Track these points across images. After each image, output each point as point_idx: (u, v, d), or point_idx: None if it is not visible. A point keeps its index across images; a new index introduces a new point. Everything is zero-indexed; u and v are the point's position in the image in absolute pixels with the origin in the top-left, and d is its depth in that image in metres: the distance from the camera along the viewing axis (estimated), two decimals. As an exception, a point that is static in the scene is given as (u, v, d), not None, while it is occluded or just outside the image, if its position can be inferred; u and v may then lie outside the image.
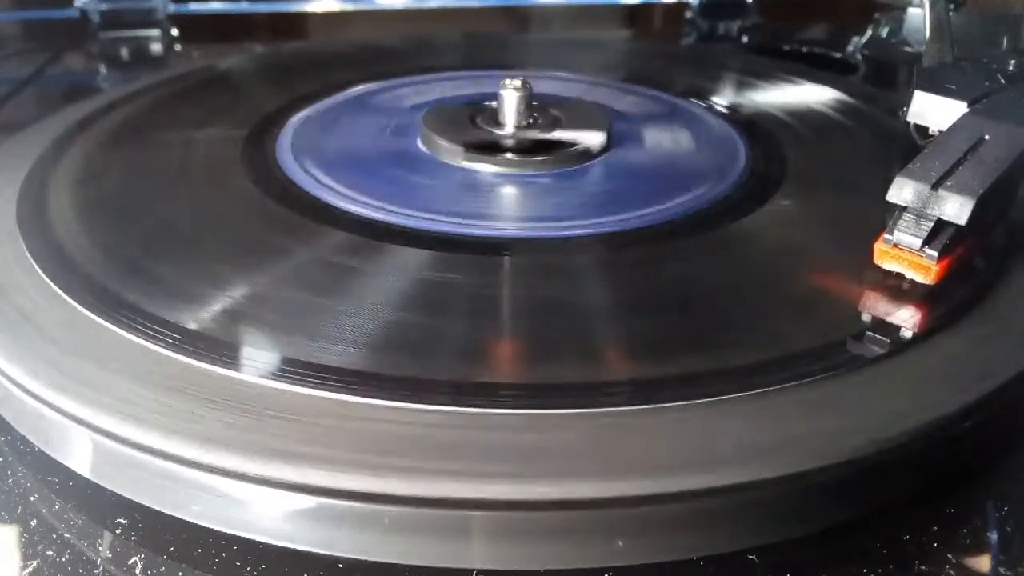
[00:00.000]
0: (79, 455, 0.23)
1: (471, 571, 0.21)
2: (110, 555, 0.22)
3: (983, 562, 0.22)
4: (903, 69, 0.55)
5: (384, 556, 0.21)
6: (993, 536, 0.23)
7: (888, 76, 0.56)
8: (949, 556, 0.22)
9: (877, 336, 0.25)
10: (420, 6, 0.74)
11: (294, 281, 0.28)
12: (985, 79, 0.34)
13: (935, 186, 0.27)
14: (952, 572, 0.21)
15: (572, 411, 0.22)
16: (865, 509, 0.22)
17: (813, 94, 0.46)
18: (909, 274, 0.27)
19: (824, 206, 0.34)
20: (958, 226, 0.27)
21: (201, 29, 0.68)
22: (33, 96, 0.56)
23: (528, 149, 0.37)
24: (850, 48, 0.63)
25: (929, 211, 0.27)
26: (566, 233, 0.31)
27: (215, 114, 0.42)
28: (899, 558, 0.22)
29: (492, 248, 0.30)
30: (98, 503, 0.23)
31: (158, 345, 0.24)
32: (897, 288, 0.27)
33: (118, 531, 0.22)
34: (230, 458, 0.21)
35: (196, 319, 0.25)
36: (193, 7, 0.69)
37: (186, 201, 0.33)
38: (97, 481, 0.23)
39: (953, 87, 0.33)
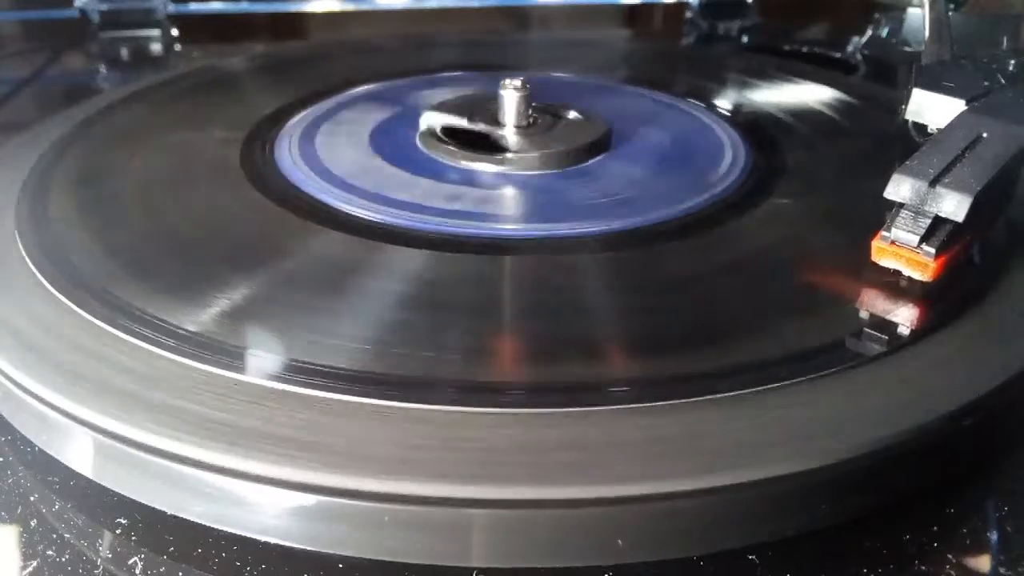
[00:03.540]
0: (80, 455, 0.23)
1: (471, 570, 0.21)
2: (110, 555, 0.22)
3: (983, 562, 0.22)
4: (903, 69, 0.55)
5: (384, 555, 0.21)
6: (993, 536, 0.23)
7: (888, 76, 0.56)
8: (949, 556, 0.22)
9: (876, 334, 0.25)
10: (420, 6, 0.74)
11: (294, 282, 0.28)
12: (984, 78, 0.34)
13: (933, 183, 0.27)
14: (952, 572, 0.21)
15: (571, 410, 0.22)
16: (865, 509, 0.22)
17: (813, 94, 0.46)
18: (907, 271, 0.27)
19: (823, 205, 0.34)
20: (956, 223, 0.27)
21: (201, 29, 0.68)
22: (33, 96, 0.56)
23: (527, 148, 0.37)
24: (850, 48, 0.63)
25: (927, 208, 0.27)
26: (565, 233, 0.31)
27: (215, 114, 0.42)
28: (899, 558, 0.22)
29: (491, 248, 0.30)
30: (98, 503, 0.23)
31: (158, 346, 0.24)
32: (895, 286, 0.27)
33: (118, 531, 0.22)
34: (231, 458, 0.21)
35: (195, 320, 0.25)
36: (193, 7, 0.69)
37: (186, 202, 0.34)
38: (98, 481, 0.23)
39: (952, 85, 0.33)
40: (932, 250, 0.27)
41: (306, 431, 0.21)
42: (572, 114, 0.41)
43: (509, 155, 0.37)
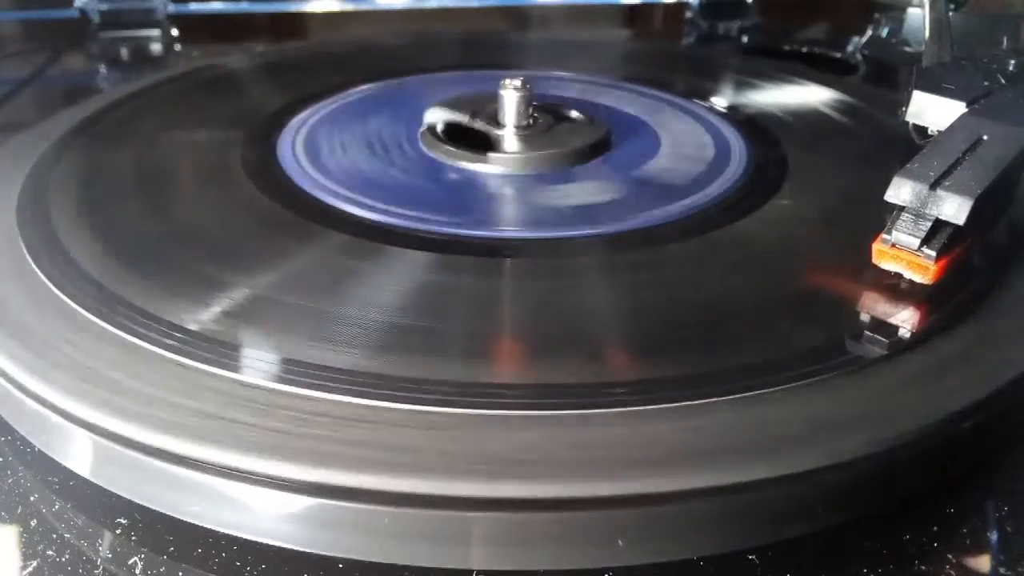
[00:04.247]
0: (79, 456, 0.23)
1: (471, 571, 0.21)
2: (110, 555, 0.22)
3: (983, 562, 0.22)
4: (903, 69, 0.55)
5: (384, 556, 0.21)
6: (993, 536, 0.23)
7: (888, 76, 0.56)
8: (949, 556, 0.22)
9: (877, 336, 0.25)
10: (420, 6, 0.75)
11: (294, 282, 0.28)
12: (984, 79, 0.34)
13: (933, 186, 0.27)
14: (952, 572, 0.21)
15: (572, 412, 0.22)
16: (865, 509, 0.22)
17: (813, 94, 0.46)
18: (907, 274, 0.27)
19: (823, 206, 0.34)
20: (956, 226, 0.27)
21: (201, 29, 0.69)
22: (33, 96, 0.56)
23: (527, 149, 0.37)
24: (850, 48, 0.63)
25: (927, 211, 0.27)
26: (566, 234, 0.31)
27: (215, 114, 0.42)
28: (899, 558, 0.22)
29: (492, 249, 0.30)
30: (98, 503, 0.23)
31: (158, 346, 0.24)
32: (896, 288, 0.27)
33: (118, 531, 0.22)
34: (230, 458, 0.21)
35: (196, 320, 0.25)
36: (193, 7, 0.69)
37: (186, 202, 0.34)
38: (97, 482, 0.23)
39: (952, 87, 0.33)
40: (933, 253, 0.27)
41: (305, 432, 0.21)
42: (572, 114, 0.41)
43: (509, 156, 0.37)
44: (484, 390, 0.23)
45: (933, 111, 0.33)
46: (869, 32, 0.63)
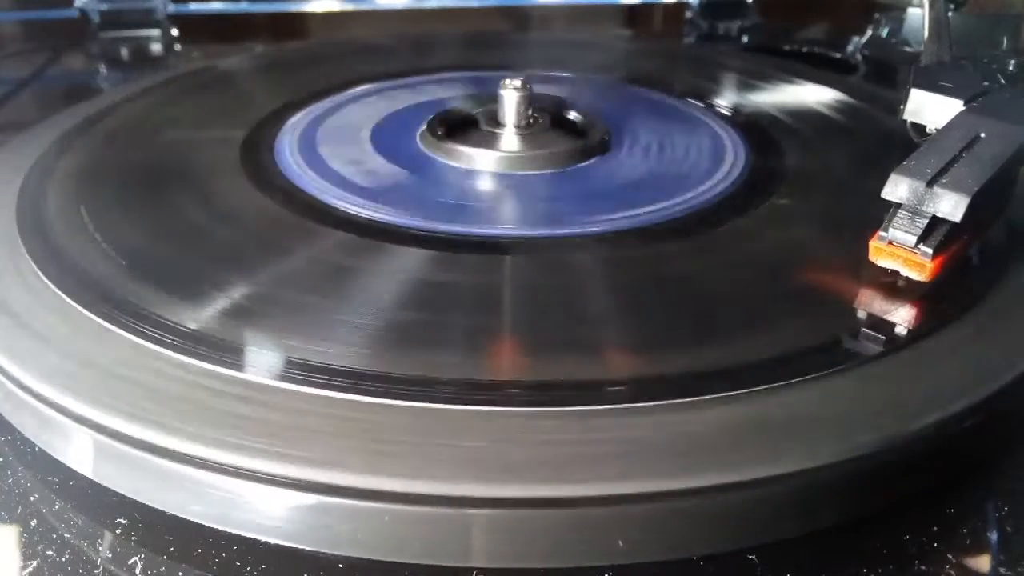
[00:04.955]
0: (79, 455, 0.23)
1: (471, 570, 0.21)
2: (110, 555, 0.22)
3: (983, 562, 0.22)
4: (903, 69, 0.55)
5: (384, 555, 0.21)
6: (993, 536, 0.23)
7: (888, 76, 0.56)
8: (949, 556, 0.22)
9: (874, 334, 0.25)
10: (420, 6, 0.74)
11: (294, 281, 0.28)
12: (982, 78, 0.34)
13: (930, 183, 0.27)
14: (952, 572, 0.21)
15: (572, 409, 0.22)
16: (865, 509, 0.22)
17: (813, 94, 0.46)
18: (904, 271, 0.27)
19: (823, 206, 0.34)
20: (953, 223, 0.27)
21: (201, 29, 0.69)
22: (33, 96, 0.56)
23: (527, 148, 0.37)
24: (850, 48, 0.63)
25: (924, 208, 0.27)
26: (566, 233, 0.31)
27: (215, 114, 0.42)
28: (899, 558, 0.22)
29: (492, 248, 0.30)
30: (98, 503, 0.23)
31: (158, 345, 0.24)
32: (893, 286, 0.27)
33: (118, 531, 0.22)
34: (231, 457, 0.21)
35: (196, 319, 0.26)
36: (193, 7, 0.70)
37: (185, 201, 0.34)
38: (98, 480, 0.23)
39: (950, 85, 0.33)
40: (929, 250, 0.27)
41: (306, 430, 0.21)
42: (572, 114, 0.41)
43: (509, 155, 0.37)
44: (484, 388, 0.23)
45: (931, 109, 0.33)
46: (869, 32, 0.63)
